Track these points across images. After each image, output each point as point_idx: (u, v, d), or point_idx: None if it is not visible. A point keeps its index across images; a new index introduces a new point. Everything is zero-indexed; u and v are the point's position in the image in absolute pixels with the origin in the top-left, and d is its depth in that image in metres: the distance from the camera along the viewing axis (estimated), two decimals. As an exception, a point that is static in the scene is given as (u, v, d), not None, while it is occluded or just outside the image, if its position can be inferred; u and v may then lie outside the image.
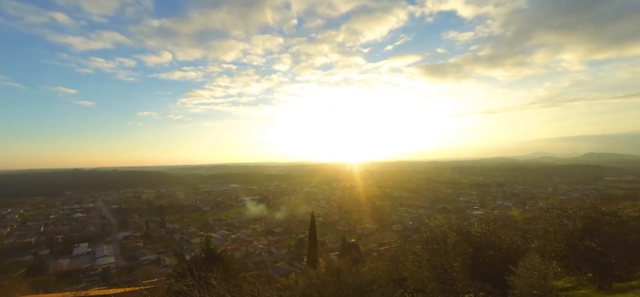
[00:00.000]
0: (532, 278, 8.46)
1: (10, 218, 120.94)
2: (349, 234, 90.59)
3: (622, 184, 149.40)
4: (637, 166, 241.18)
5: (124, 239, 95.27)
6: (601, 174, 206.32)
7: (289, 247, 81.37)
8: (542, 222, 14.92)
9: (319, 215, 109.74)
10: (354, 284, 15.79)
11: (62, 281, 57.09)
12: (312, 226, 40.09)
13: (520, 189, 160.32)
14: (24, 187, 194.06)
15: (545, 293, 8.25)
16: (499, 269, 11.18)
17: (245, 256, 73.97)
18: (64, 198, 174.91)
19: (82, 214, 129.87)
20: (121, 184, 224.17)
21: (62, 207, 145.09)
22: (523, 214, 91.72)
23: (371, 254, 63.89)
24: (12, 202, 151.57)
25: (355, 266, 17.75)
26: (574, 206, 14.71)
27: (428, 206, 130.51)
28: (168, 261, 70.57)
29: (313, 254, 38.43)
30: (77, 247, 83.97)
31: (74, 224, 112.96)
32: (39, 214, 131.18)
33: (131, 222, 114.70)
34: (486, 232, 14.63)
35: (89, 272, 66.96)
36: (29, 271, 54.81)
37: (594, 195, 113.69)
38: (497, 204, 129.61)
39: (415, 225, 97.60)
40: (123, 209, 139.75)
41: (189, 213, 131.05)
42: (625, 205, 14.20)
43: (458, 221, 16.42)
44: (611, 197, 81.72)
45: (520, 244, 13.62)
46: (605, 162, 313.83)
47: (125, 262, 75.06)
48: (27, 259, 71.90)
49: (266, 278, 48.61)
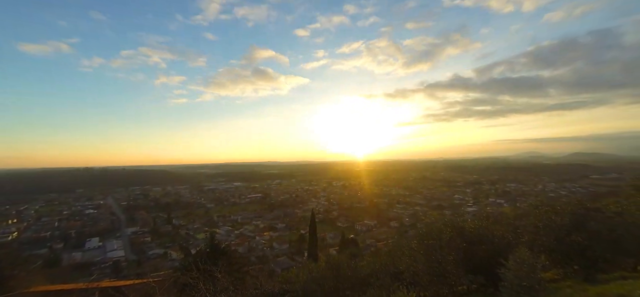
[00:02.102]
0: (521, 271, 8.50)
1: (26, 214, 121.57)
2: (348, 230, 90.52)
3: (606, 182, 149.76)
4: (620, 165, 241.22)
5: (133, 234, 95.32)
6: (587, 172, 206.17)
7: (290, 243, 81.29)
8: (531, 218, 15.00)
9: (319, 212, 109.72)
10: (353, 278, 15.85)
11: (75, 272, 57.30)
12: (312, 223, 40.30)
13: (512, 187, 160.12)
14: (39, 185, 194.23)
15: (534, 285, 8.29)
16: (490, 263, 11.21)
17: (248, 251, 73.94)
18: (76, 195, 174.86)
19: (93, 211, 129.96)
20: (130, 182, 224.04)
21: (75, 204, 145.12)
22: (514, 211, 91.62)
23: (369, 249, 63.92)
24: (29, 198, 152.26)
25: (354, 261, 17.82)
26: (561, 203, 14.86)
27: (424, 203, 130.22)
28: (174, 255, 70.80)
29: (313, 249, 38.61)
30: (89, 242, 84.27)
31: (85, 219, 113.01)
32: (53, 210, 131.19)
33: (139, 218, 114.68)
34: (479, 228, 14.67)
35: (100, 265, 67.10)
36: (45, 263, 55.34)
37: (580, 192, 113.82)
38: (489, 201, 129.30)
39: (412, 221, 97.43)
40: (131, 205, 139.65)
41: (194, 210, 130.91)
42: (609, 201, 14.48)
43: (452, 218, 16.49)
44: (596, 194, 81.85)
45: (510, 239, 13.66)
46: (590, 161, 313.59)
47: (134, 256, 75.13)
48: (42, 252, 72.13)
49: (268, 272, 48.72)
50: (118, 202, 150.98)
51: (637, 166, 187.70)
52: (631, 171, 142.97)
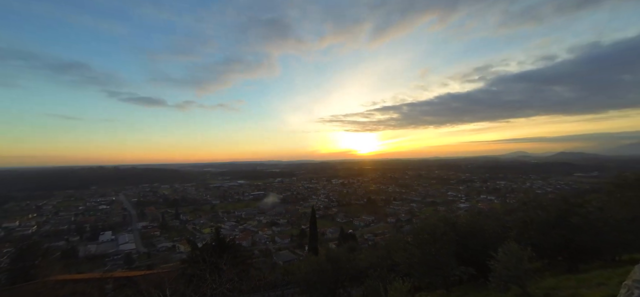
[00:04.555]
0: (510, 262, 8.64)
1: (45, 209, 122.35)
2: (347, 225, 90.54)
3: (588, 179, 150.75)
4: (602, 163, 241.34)
5: (143, 228, 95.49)
6: (571, 171, 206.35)
7: (292, 237, 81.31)
8: (519, 213, 15.19)
9: (319, 208, 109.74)
10: (351, 270, 15.97)
11: (91, 263, 57.80)
12: (313, 218, 40.24)
13: (502, 185, 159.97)
14: (56, 182, 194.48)
15: (521, 274, 8.44)
16: (481, 255, 11.34)
17: (252, 245, 74.01)
18: (91, 192, 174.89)
19: (106, 206, 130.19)
20: (140, 179, 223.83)
21: (89, 200, 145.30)
22: (504, 207, 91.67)
23: (367, 243, 63.98)
24: (47, 194, 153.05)
25: (352, 254, 17.95)
26: (547, 199, 15.04)
27: (419, 200, 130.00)
28: (182, 248, 70.87)
29: (314, 243, 38.55)
30: (103, 235, 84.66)
31: (99, 214, 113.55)
32: (70, 205, 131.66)
33: (149, 213, 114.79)
34: (470, 223, 14.85)
35: (113, 256, 67.55)
36: (63, 254, 55.59)
37: (565, 189, 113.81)
38: (481, 197, 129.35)
39: (408, 217, 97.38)
40: (142, 202, 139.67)
41: (200, 206, 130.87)
42: (591, 198, 14.73)
43: (446, 213, 16.61)
44: (579, 191, 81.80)
45: (500, 233, 13.84)
46: (574, 160, 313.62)
47: (145, 249, 75.29)
48: (60, 244, 72.89)
49: (271, 264, 48.91)
50: (129, 199, 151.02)
51: (617, 164, 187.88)
52: (612, 169, 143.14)
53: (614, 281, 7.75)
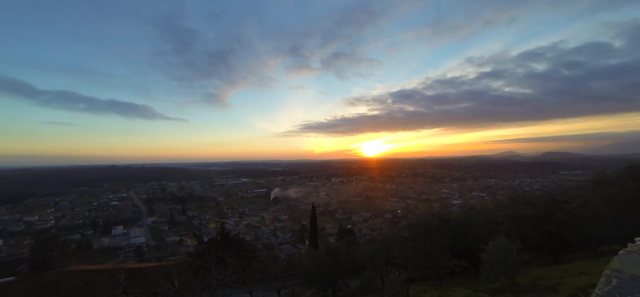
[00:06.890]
0: (500, 255, 8.74)
1: (62, 204, 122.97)
2: (346, 221, 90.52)
3: (573, 177, 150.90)
4: (586, 163, 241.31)
5: (152, 223, 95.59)
6: (557, 169, 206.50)
7: (293, 232, 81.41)
8: (509, 209, 15.27)
9: (319, 205, 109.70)
10: (350, 262, 16.02)
11: (104, 255, 58.00)
12: (313, 214, 40.29)
13: (493, 183, 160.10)
14: (72, 179, 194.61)
15: (510, 266, 8.54)
16: (473, 248, 11.41)
17: (255, 239, 74.14)
18: (103, 189, 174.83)
19: (118, 202, 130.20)
20: (149, 177, 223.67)
21: (102, 196, 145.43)
22: (494, 203, 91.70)
23: (365, 237, 64.06)
24: (64, 191, 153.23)
25: (351, 248, 18.00)
26: (535, 196, 15.16)
27: (415, 197, 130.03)
28: (189, 242, 71.07)
29: (314, 237, 38.60)
30: (115, 229, 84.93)
31: (111, 210, 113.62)
32: (84, 201, 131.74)
33: (157, 209, 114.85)
34: (463, 218, 14.95)
35: (125, 249, 67.79)
36: (78, 246, 55.89)
37: (551, 187, 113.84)
38: (473, 195, 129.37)
39: (404, 213, 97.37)
40: (151, 198, 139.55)
41: (206, 202, 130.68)
42: (575, 195, 14.93)
43: (440, 209, 16.71)
44: (564, 188, 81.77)
45: (490, 227, 13.94)
46: (560, 159, 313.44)
47: (154, 242, 75.38)
48: (76, 237, 72.98)
49: (273, 257, 48.94)
50: (139, 195, 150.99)
51: (600, 164, 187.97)
52: (595, 168, 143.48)
53: (595, 270, 7.93)
